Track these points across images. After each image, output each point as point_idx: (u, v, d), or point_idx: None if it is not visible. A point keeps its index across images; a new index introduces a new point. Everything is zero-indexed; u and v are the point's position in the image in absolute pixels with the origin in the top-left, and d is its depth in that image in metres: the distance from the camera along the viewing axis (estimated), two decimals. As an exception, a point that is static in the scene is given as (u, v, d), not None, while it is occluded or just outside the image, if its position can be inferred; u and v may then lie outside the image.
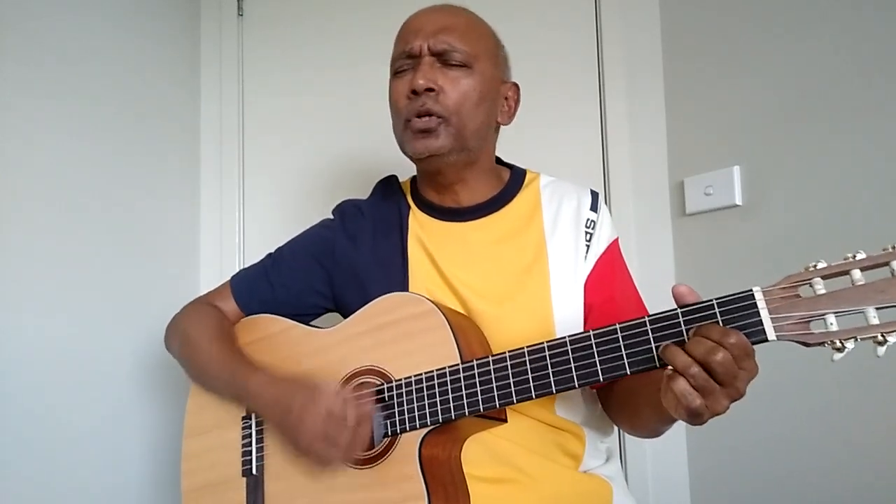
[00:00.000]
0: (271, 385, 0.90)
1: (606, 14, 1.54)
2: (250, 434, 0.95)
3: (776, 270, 1.22)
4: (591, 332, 0.74)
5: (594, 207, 1.00)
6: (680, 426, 1.40)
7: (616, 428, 1.01)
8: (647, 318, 0.71)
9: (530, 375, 0.77)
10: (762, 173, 1.28)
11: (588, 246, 0.97)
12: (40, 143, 1.22)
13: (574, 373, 0.74)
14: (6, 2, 1.16)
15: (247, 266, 1.14)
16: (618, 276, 0.99)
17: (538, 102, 1.55)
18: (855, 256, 0.64)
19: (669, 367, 0.68)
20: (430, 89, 0.93)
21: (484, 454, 0.87)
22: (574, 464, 0.93)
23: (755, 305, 0.66)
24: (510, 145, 1.11)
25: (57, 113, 1.26)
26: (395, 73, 0.99)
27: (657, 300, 1.01)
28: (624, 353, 0.72)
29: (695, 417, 0.67)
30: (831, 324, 0.63)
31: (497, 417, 0.85)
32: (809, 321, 0.65)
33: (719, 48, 1.37)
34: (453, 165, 0.97)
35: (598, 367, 0.73)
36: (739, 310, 0.66)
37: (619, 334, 0.72)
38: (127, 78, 1.46)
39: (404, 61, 0.97)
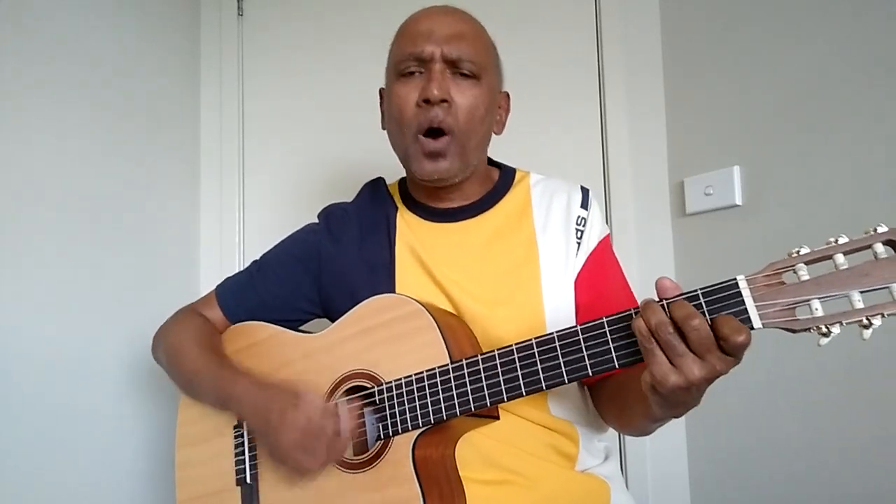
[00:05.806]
0: (255, 390, 0.89)
1: (606, 14, 1.54)
2: (242, 443, 0.95)
3: (776, 270, 1.23)
4: (579, 327, 0.74)
5: (584, 205, 0.98)
6: (680, 427, 1.40)
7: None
8: (632, 311, 0.70)
9: (520, 373, 0.76)
10: (762, 173, 1.28)
11: (579, 243, 0.95)
12: (40, 142, 1.22)
13: (563, 368, 0.74)
14: (6, 2, 1.16)
15: (231, 275, 1.13)
16: (609, 272, 0.98)
17: (538, 102, 1.56)
18: (837, 241, 0.63)
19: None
20: (444, 100, 0.90)
21: (477, 457, 0.87)
22: (569, 464, 0.93)
23: (740, 294, 0.65)
24: (510, 146, 1.11)
25: (56, 113, 1.26)
26: (401, 74, 0.94)
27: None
28: (612, 346, 0.71)
29: (661, 388, 0.65)
30: (816, 309, 0.62)
31: (489, 415, 0.85)
32: (795, 307, 0.64)
33: (719, 48, 1.37)
34: (455, 180, 0.96)
35: (587, 362, 0.73)
36: (724, 298, 0.66)
37: (607, 328, 0.72)
38: (127, 78, 1.46)
39: (411, 63, 0.92)
